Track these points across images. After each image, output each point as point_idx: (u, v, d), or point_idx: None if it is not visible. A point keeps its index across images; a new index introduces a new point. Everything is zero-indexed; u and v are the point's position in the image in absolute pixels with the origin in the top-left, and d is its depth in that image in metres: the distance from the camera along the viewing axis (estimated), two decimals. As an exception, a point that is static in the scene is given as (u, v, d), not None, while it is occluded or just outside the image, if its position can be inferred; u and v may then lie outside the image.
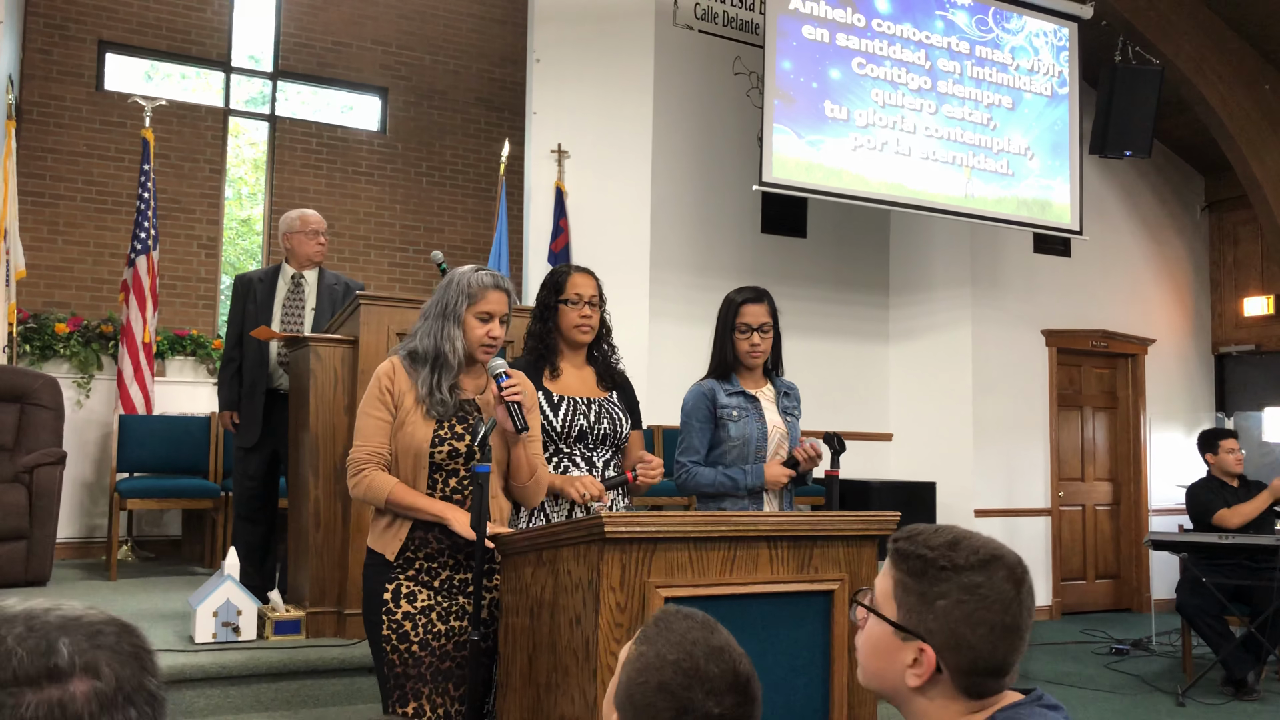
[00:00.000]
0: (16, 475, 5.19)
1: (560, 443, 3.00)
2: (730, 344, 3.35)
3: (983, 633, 1.30)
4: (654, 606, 2.29)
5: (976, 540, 1.35)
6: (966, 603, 1.30)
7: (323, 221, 4.93)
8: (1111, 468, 8.27)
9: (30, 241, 6.76)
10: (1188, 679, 5.60)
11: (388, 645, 2.61)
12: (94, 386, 6.61)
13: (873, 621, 1.38)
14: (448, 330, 2.69)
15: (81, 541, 6.49)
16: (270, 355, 4.75)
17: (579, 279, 3.10)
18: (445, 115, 8.54)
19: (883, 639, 1.36)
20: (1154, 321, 8.49)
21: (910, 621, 1.33)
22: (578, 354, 3.13)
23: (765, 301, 3.35)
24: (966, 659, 1.30)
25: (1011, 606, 1.31)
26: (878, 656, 1.37)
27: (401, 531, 2.65)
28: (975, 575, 1.31)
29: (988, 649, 1.30)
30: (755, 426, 3.29)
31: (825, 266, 7.64)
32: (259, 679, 3.65)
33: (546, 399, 3.01)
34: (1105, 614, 7.89)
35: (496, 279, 2.73)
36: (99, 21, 7.43)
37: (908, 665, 1.33)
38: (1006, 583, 1.32)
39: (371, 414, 2.68)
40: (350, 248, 8.00)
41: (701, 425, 3.31)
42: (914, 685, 1.32)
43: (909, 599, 1.33)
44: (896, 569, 1.36)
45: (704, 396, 3.33)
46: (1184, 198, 8.84)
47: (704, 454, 3.32)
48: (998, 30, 7.04)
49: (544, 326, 3.09)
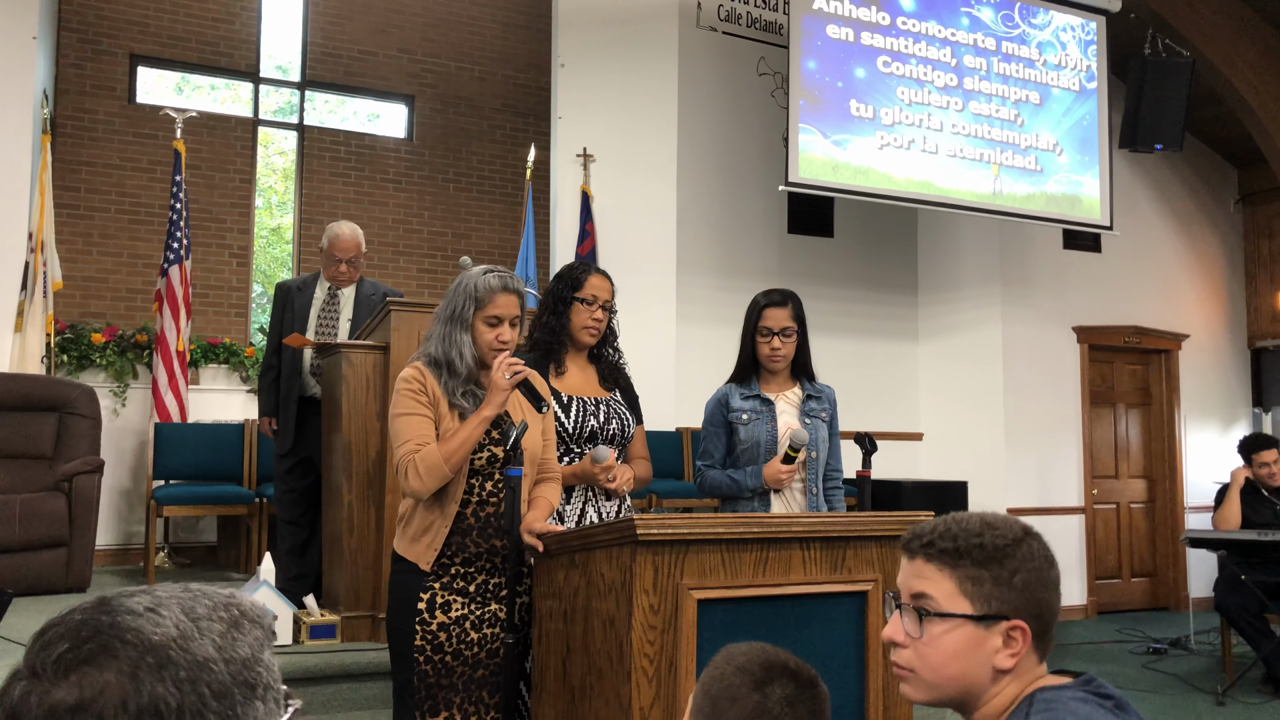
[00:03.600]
0: (56, 484, 5.27)
1: (571, 443, 3.00)
2: (752, 348, 3.35)
3: (1051, 591, 1.39)
4: (687, 608, 2.29)
5: (999, 515, 1.44)
6: (1038, 568, 1.38)
7: (353, 245, 4.79)
8: (1146, 465, 8.18)
9: (66, 253, 6.87)
10: (1228, 678, 5.52)
11: (421, 656, 2.58)
12: (130, 395, 6.70)
13: (943, 627, 1.37)
14: (456, 336, 2.64)
15: (120, 548, 6.58)
16: (304, 363, 4.79)
17: (597, 280, 3.08)
18: (471, 121, 8.59)
19: (962, 639, 1.37)
20: (1187, 316, 8.39)
21: (993, 607, 1.36)
22: (581, 352, 3.13)
23: (789, 305, 3.34)
24: (1045, 621, 1.38)
25: (1055, 563, 1.42)
26: (960, 658, 1.37)
27: (438, 539, 2.60)
28: (1030, 543, 1.40)
29: (1055, 604, 1.40)
30: (764, 430, 3.29)
31: (853, 266, 7.61)
32: (295, 684, 3.67)
33: (555, 399, 2.99)
34: (1142, 613, 7.80)
35: (505, 280, 2.66)
36: (130, 36, 7.54)
37: (998, 650, 1.36)
38: (1042, 544, 1.42)
39: (412, 412, 2.60)
40: (379, 254, 8.06)
41: (716, 430, 3.37)
42: (1008, 666, 1.36)
43: (982, 588, 1.37)
44: (954, 567, 1.38)
45: (719, 402, 3.39)
46: (1217, 191, 8.73)
47: (720, 458, 3.37)
48: (1024, 25, 6.99)
49: (557, 320, 3.07)
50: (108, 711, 0.79)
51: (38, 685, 0.80)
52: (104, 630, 0.82)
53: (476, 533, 2.63)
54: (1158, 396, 8.24)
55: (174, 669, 0.82)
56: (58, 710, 0.79)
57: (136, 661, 0.81)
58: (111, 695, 0.79)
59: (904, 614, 1.41)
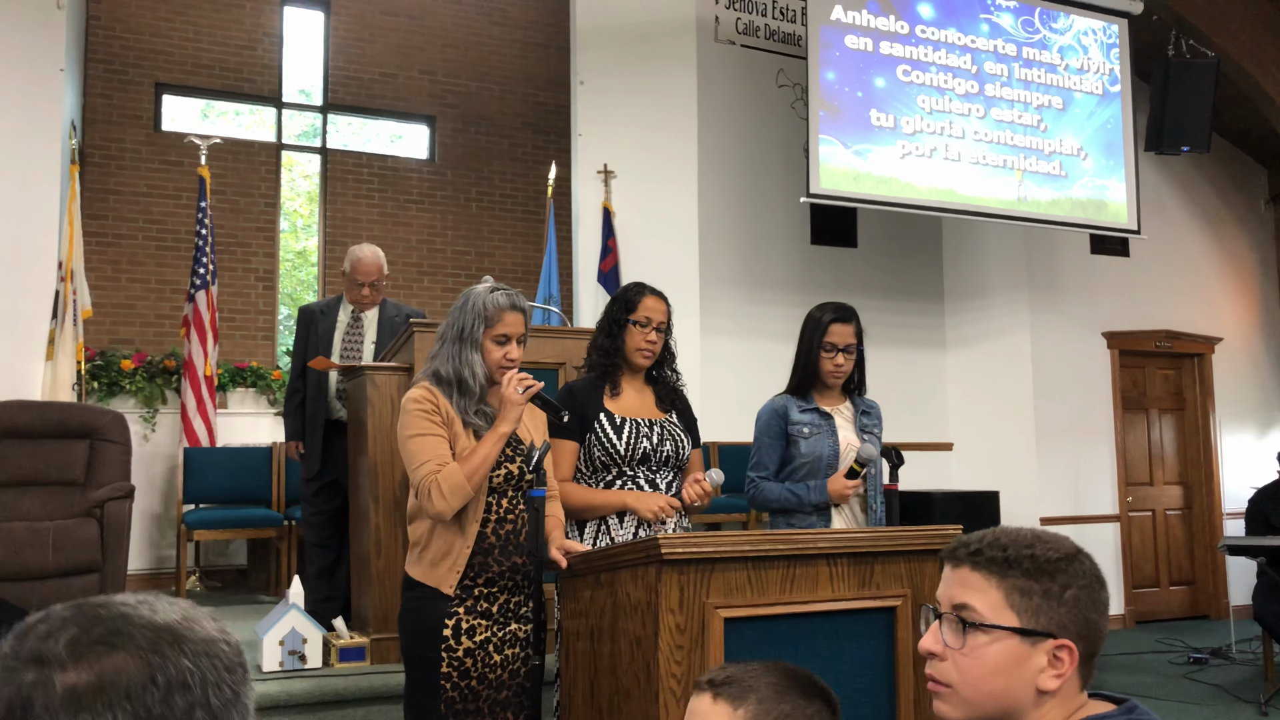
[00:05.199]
0: (89, 510, 5.31)
1: (624, 465, 2.96)
2: (814, 362, 3.31)
3: (1100, 613, 1.32)
4: (714, 627, 2.27)
5: (1038, 530, 1.36)
6: (1091, 587, 1.31)
7: (374, 268, 4.80)
8: (1181, 471, 8.06)
9: (95, 281, 6.95)
10: (1270, 687, 5.41)
11: (447, 683, 2.56)
12: (159, 420, 6.76)
13: (987, 639, 1.30)
14: (466, 355, 2.63)
15: (151, 573, 6.63)
16: (330, 386, 4.81)
17: (651, 302, 3.07)
18: (492, 141, 8.63)
19: (1006, 653, 1.29)
20: (1220, 319, 8.27)
21: (1040, 623, 1.28)
22: (638, 374, 3.10)
23: (853, 321, 3.32)
24: (1092, 643, 1.31)
25: (1104, 584, 1.34)
26: (1002, 674, 1.29)
27: (460, 561, 2.58)
28: (1082, 561, 1.33)
29: (1103, 627, 1.32)
30: (827, 444, 3.26)
31: (877, 276, 7.57)
32: (326, 706, 3.69)
33: (609, 420, 2.97)
34: (1181, 621, 7.67)
35: (512, 298, 2.67)
36: (156, 65, 7.64)
37: (1042, 669, 1.28)
38: (1093, 563, 1.35)
39: (427, 432, 2.58)
40: (403, 275, 8.10)
41: (772, 442, 3.31)
42: (1051, 688, 1.28)
43: (1031, 601, 1.29)
44: (1003, 577, 1.30)
45: (776, 414, 3.33)
46: (1246, 191, 8.62)
47: (774, 470, 3.32)
48: (1045, 30, 6.94)
49: (611, 343, 3.05)
50: (134, 689, 0.79)
51: (47, 671, 0.79)
52: (107, 618, 0.84)
53: (498, 551, 2.61)
54: (1191, 401, 8.12)
55: (190, 643, 0.84)
56: (78, 692, 0.78)
57: (154, 639, 0.83)
58: (134, 673, 0.80)
59: (944, 624, 1.33)
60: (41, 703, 0.78)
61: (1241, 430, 8.12)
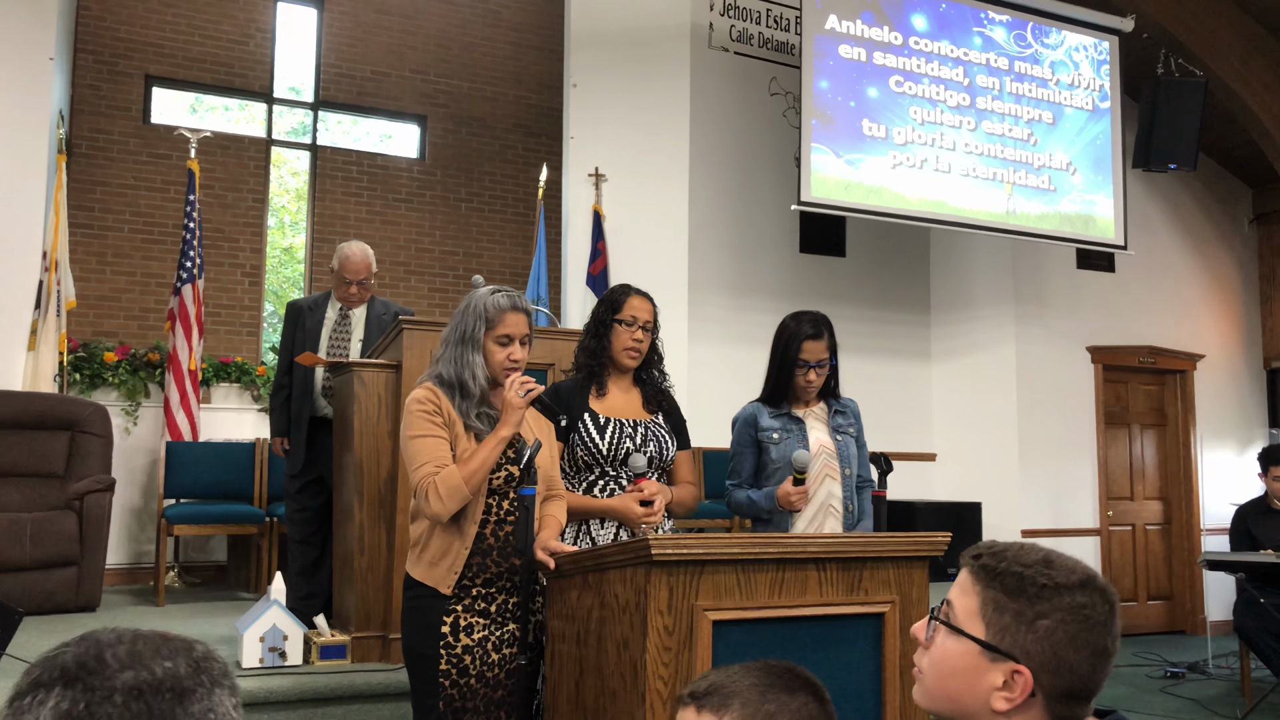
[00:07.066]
0: (68, 502, 5.27)
1: (606, 465, 2.97)
2: (787, 376, 3.31)
3: (1085, 655, 1.25)
4: (702, 629, 2.26)
5: (1068, 559, 1.31)
6: (1070, 624, 1.25)
7: (363, 266, 4.75)
8: (1162, 486, 8.11)
9: (80, 272, 6.89)
10: (1247, 702, 5.45)
11: (446, 680, 2.56)
12: (141, 414, 6.71)
13: (953, 641, 1.31)
14: (468, 357, 2.64)
15: (130, 567, 6.57)
16: (316, 383, 4.78)
17: (637, 302, 3.08)
18: (483, 142, 8.62)
19: (965, 659, 1.29)
20: (1202, 337, 8.33)
21: (1004, 642, 1.26)
22: (625, 375, 3.11)
23: (825, 337, 3.30)
24: (1064, 682, 1.25)
25: (1110, 628, 1.27)
26: (957, 678, 1.29)
27: (458, 562, 2.58)
28: (1079, 595, 1.26)
29: (1087, 672, 1.25)
30: (797, 448, 3.26)
31: (865, 286, 7.59)
32: (306, 704, 3.66)
33: (593, 420, 2.98)
34: (1159, 636, 7.71)
35: (514, 300, 2.67)
36: (146, 57, 7.60)
37: (995, 688, 1.26)
38: (1103, 604, 1.27)
39: (428, 433, 2.59)
40: (391, 274, 8.07)
41: (745, 450, 3.36)
42: (1001, 709, 1.26)
43: (1002, 618, 1.26)
44: (985, 586, 1.29)
45: (746, 423, 3.37)
46: (1231, 210, 8.69)
47: (747, 477, 3.36)
48: (1037, 45, 6.98)
49: (598, 344, 3.07)
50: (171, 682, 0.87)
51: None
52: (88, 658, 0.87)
53: (497, 552, 2.61)
54: (1173, 417, 8.18)
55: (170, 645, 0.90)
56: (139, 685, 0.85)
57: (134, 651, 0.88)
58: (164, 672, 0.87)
59: (932, 617, 1.36)
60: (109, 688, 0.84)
61: (1221, 447, 8.18)
